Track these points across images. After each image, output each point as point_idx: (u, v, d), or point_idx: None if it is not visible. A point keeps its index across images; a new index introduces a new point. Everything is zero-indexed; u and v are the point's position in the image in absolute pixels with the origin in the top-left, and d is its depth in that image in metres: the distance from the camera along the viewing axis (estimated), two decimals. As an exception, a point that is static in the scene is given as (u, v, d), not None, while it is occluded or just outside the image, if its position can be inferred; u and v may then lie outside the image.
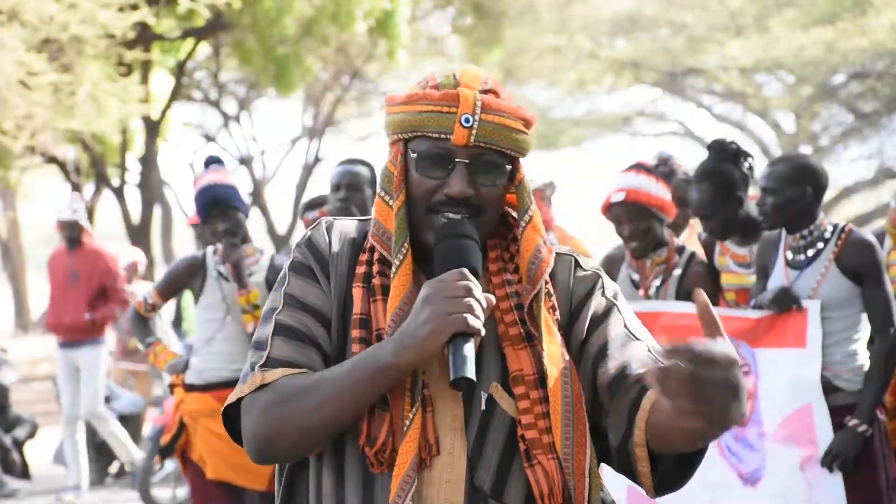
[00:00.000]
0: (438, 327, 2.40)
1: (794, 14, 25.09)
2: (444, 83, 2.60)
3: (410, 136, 2.59)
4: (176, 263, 7.22)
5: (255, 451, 2.56)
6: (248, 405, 2.56)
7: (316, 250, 2.64)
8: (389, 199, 2.62)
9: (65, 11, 15.31)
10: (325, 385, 2.48)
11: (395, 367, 2.44)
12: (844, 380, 5.74)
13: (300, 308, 2.59)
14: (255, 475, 6.91)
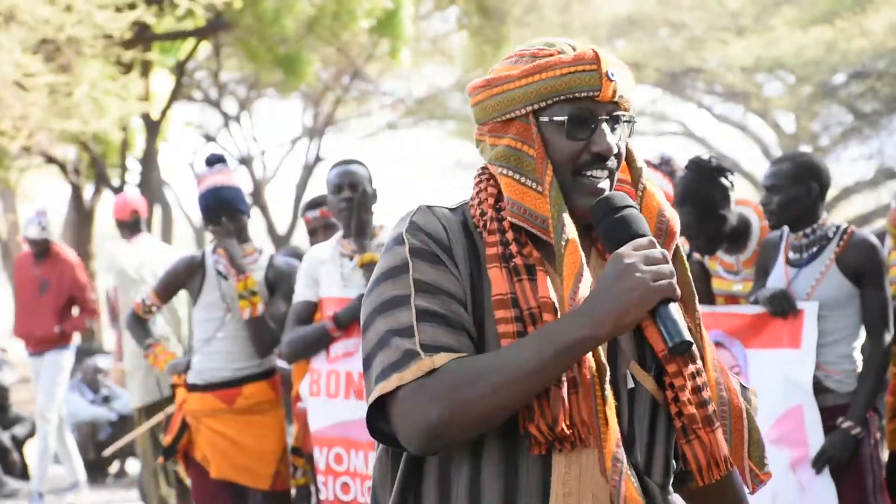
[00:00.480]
0: (645, 295, 2.40)
1: (794, 14, 25.13)
2: (564, 50, 2.60)
3: (548, 103, 2.57)
4: (174, 264, 7.19)
5: (423, 438, 2.45)
6: (413, 392, 2.45)
7: (432, 235, 2.58)
8: (521, 176, 2.58)
9: (61, 13, 15.33)
10: (509, 364, 2.42)
11: (594, 340, 2.41)
12: (835, 381, 5.78)
13: (438, 293, 2.53)
14: (258, 475, 6.92)
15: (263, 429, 6.97)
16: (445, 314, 2.50)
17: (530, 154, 2.58)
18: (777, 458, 5.71)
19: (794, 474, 5.77)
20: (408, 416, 2.44)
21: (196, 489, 7.04)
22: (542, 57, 2.59)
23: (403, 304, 2.51)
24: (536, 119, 2.59)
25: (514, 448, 2.51)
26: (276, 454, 7.00)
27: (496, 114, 2.63)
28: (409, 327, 2.48)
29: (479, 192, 2.66)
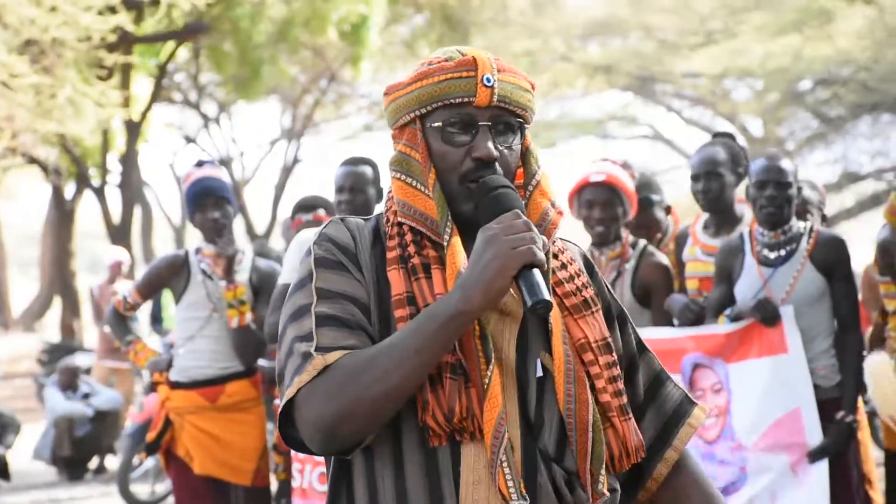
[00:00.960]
0: (505, 262, 2.41)
1: (762, 21, 25.30)
2: (453, 57, 2.63)
3: (429, 109, 2.61)
4: (157, 262, 7.17)
5: (323, 437, 2.48)
6: (309, 393, 2.47)
7: (339, 244, 2.61)
8: (412, 180, 2.63)
9: (46, 14, 15.46)
10: (392, 351, 2.45)
11: (465, 314, 2.43)
12: (820, 377, 5.88)
13: (338, 298, 2.56)
14: (240, 470, 6.96)
15: (245, 426, 7.01)
16: (343, 317, 2.53)
17: (416, 158, 2.63)
18: (774, 463, 5.81)
19: (794, 475, 5.80)
20: (306, 417, 2.48)
21: (178, 485, 7.05)
22: (433, 64, 2.63)
23: (307, 313, 2.55)
24: (423, 125, 2.63)
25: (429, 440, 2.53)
26: (257, 450, 7.03)
27: (392, 120, 2.68)
28: (310, 333, 2.52)
29: (387, 200, 2.72)
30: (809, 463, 5.77)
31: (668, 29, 28.95)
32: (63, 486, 13.33)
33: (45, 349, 18.12)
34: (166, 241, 37.42)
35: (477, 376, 2.51)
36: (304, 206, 8.17)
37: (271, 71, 21.64)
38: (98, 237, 28.41)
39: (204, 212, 6.91)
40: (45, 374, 17.08)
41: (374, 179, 6.50)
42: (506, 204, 2.53)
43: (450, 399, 2.49)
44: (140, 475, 12.02)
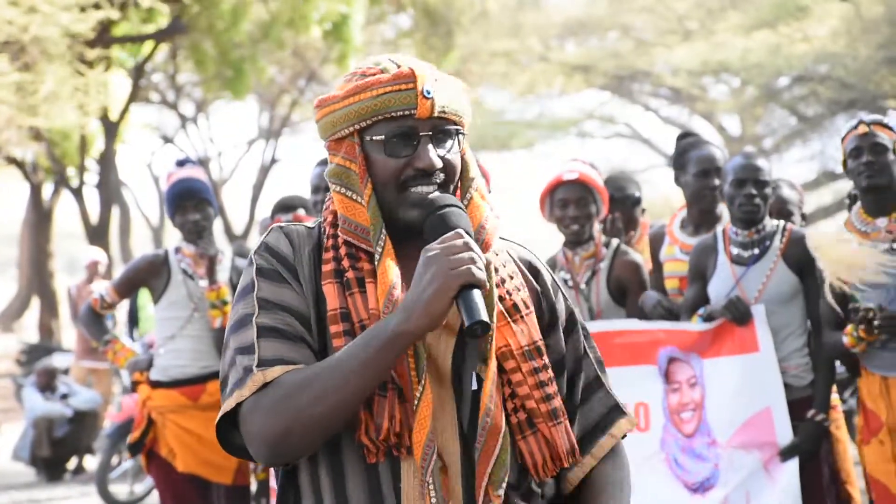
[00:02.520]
0: (445, 282, 2.41)
1: (739, 19, 25.40)
2: (388, 68, 2.62)
3: (368, 123, 2.59)
4: (136, 261, 7.13)
5: (267, 451, 2.50)
6: (251, 408, 2.49)
7: (279, 255, 2.61)
8: (352, 193, 2.62)
9: (25, 15, 15.44)
10: (333, 371, 2.44)
11: (406, 335, 2.43)
12: (792, 376, 5.86)
13: (278, 309, 2.55)
14: (221, 469, 6.95)
15: (227, 424, 7.08)
16: (283, 328, 2.53)
17: (356, 171, 2.61)
18: (746, 461, 5.77)
19: (766, 473, 5.77)
20: (251, 432, 2.49)
21: (161, 484, 7.04)
22: (368, 76, 2.61)
23: (248, 323, 2.55)
24: (361, 138, 2.61)
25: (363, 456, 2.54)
26: (238, 449, 7.12)
27: (327, 133, 2.66)
28: (251, 345, 2.52)
29: (324, 211, 2.70)
30: (781, 461, 5.76)
31: (645, 28, 29.04)
32: (42, 486, 13.30)
33: (23, 350, 18.08)
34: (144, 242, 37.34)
35: (409, 392, 2.52)
36: (283, 206, 8.07)
37: (251, 70, 21.64)
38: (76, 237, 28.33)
39: (185, 213, 6.91)
40: (23, 375, 17.04)
41: None
42: (451, 223, 2.53)
43: (377, 417, 2.50)
44: (119, 475, 11.96)
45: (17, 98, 16.28)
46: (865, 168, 5.59)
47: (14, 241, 35.75)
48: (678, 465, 5.91)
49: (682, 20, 27.80)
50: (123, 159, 37.03)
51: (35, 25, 15.42)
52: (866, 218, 5.66)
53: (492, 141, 30.86)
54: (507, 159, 35.99)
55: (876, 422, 5.58)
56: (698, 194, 6.48)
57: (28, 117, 16.61)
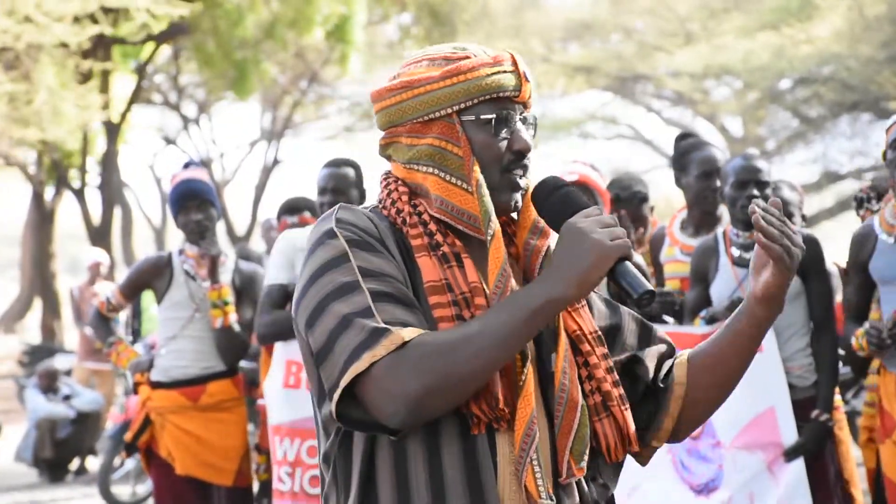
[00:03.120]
0: (605, 252, 2.46)
1: (742, 21, 25.39)
2: (475, 52, 2.65)
3: (471, 103, 2.61)
4: (140, 263, 7.14)
5: (406, 410, 2.44)
6: (390, 365, 2.43)
7: (361, 227, 2.59)
8: (447, 174, 2.62)
9: (19, 24, 15.45)
10: (485, 332, 2.45)
11: (559, 302, 2.47)
12: (796, 376, 5.87)
13: (383, 276, 2.54)
14: (221, 470, 6.95)
15: (227, 425, 6.99)
16: (395, 294, 2.51)
17: (454, 152, 2.62)
18: (750, 462, 5.77)
19: (770, 474, 5.78)
20: (388, 391, 2.43)
21: (159, 485, 7.02)
22: (456, 60, 2.64)
23: (355, 289, 2.50)
24: (460, 119, 2.63)
25: (469, 430, 2.53)
26: (239, 450, 7.02)
27: (416, 115, 2.64)
28: (368, 308, 2.48)
29: (390, 194, 2.69)
30: (786, 462, 5.77)
31: (647, 30, 29.04)
32: (44, 487, 13.30)
33: (25, 351, 18.09)
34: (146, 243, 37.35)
35: (511, 369, 2.55)
36: (289, 208, 8.17)
37: (253, 71, 21.66)
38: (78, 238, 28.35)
39: (187, 213, 6.90)
40: (25, 376, 17.05)
41: (356, 181, 6.50)
42: (578, 200, 2.59)
43: (492, 387, 2.50)
44: (121, 476, 11.97)
45: (9, 109, 16.27)
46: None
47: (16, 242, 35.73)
48: (684, 466, 5.90)
49: (685, 22, 27.80)
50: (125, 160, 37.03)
51: (29, 35, 15.41)
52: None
53: (493, 142, 30.82)
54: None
55: (891, 422, 5.56)
56: (700, 196, 6.48)
57: (20, 128, 16.61)
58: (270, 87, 28.12)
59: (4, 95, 16.03)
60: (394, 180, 2.71)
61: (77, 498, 12.68)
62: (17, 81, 16.33)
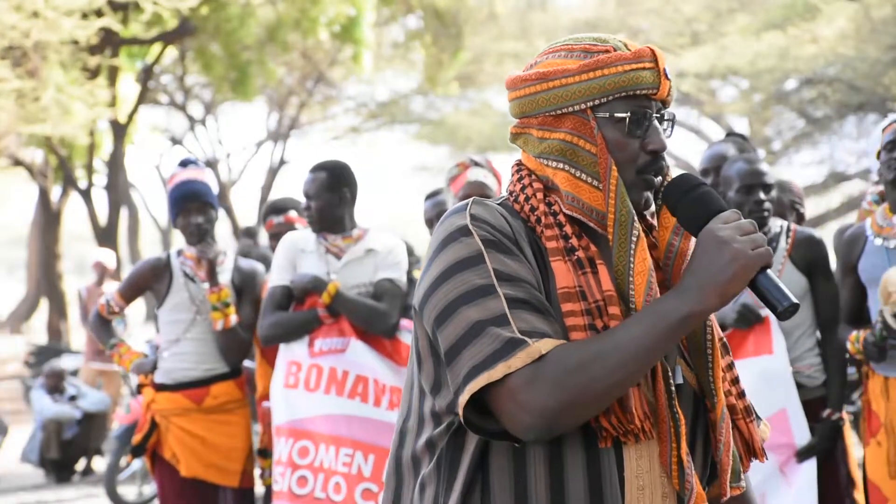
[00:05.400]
0: (747, 263, 2.37)
1: (748, 21, 25.39)
2: (617, 46, 2.56)
3: (607, 99, 2.53)
4: (138, 266, 7.12)
5: (543, 423, 2.37)
6: (529, 378, 2.36)
7: (496, 227, 2.50)
8: (579, 171, 2.55)
9: (27, 20, 15.47)
10: (624, 344, 2.37)
11: (699, 315, 2.39)
12: (805, 376, 5.90)
13: (519, 281, 2.45)
14: (227, 472, 6.95)
15: (231, 427, 6.98)
16: (532, 301, 2.44)
17: (587, 149, 2.54)
18: (762, 464, 5.63)
19: (782, 475, 5.79)
20: (525, 404, 2.36)
21: (164, 488, 7.01)
22: (595, 52, 2.55)
23: (490, 293, 2.42)
24: (594, 114, 2.55)
25: (594, 442, 2.47)
26: (243, 451, 7.02)
27: (550, 107, 2.56)
28: (503, 315, 2.40)
29: (524, 188, 2.60)
30: (798, 462, 5.78)
31: (653, 31, 29.03)
32: (51, 488, 13.32)
33: (32, 351, 18.13)
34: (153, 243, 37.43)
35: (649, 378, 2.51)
36: (274, 208, 8.22)
37: (259, 72, 21.68)
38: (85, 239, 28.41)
39: (187, 216, 6.89)
40: (32, 377, 17.08)
41: (330, 185, 6.49)
42: (716, 203, 2.50)
43: (627, 401, 2.45)
44: (127, 477, 11.99)
45: (16, 106, 16.30)
46: (894, 162, 5.53)
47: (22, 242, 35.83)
48: None
49: (691, 23, 27.80)
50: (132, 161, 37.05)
51: (37, 31, 15.43)
52: (888, 214, 5.64)
53: (501, 142, 30.89)
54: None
55: (876, 422, 5.59)
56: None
57: (27, 125, 16.63)
58: (276, 87, 28.17)
59: (12, 92, 16.04)
60: (527, 174, 2.63)
61: (83, 498, 12.70)
62: (24, 78, 16.33)
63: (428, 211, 7.31)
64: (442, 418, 2.54)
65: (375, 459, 6.16)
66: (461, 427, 2.51)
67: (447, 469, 2.53)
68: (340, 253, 6.48)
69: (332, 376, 6.25)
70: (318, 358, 6.29)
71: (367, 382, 6.25)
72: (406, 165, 42.07)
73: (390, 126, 33.91)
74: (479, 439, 2.49)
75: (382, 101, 32.74)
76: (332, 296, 6.27)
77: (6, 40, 15.68)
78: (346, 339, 6.27)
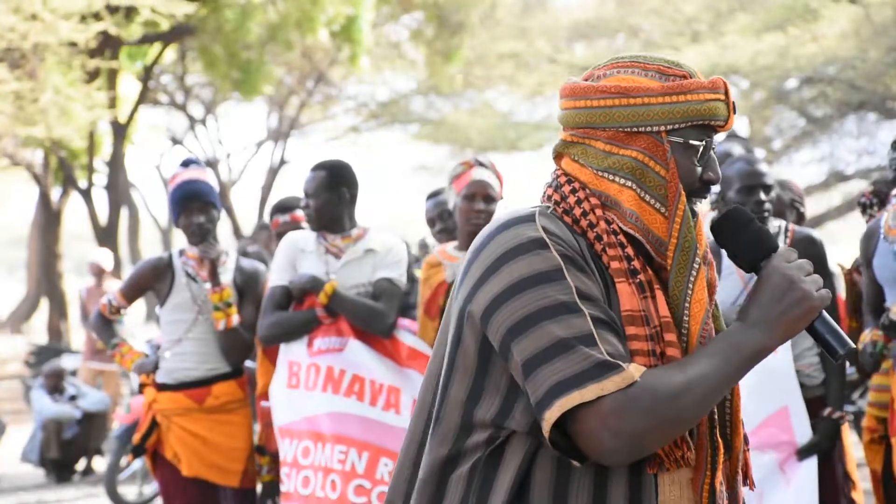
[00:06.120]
0: (812, 304, 2.43)
1: (748, 20, 25.41)
2: (691, 72, 2.57)
3: (683, 125, 2.53)
4: (140, 265, 7.12)
5: (629, 451, 2.40)
6: (621, 404, 2.35)
7: (569, 244, 2.48)
8: (646, 194, 2.53)
9: (25, 22, 15.48)
10: (706, 377, 2.40)
11: (766, 351, 2.44)
12: (805, 375, 5.88)
13: (596, 301, 2.45)
14: (228, 472, 6.95)
15: (233, 426, 6.98)
16: (611, 322, 2.44)
17: (657, 171, 2.52)
18: (762, 462, 5.76)
19: (783, 474, 5.81)
20: (615, 429, 2.35)
21: (165, 487, 7.01)
22: (672, 75, 2.55)
23: (574, 311, 2.40)
24: (668, 138, 2.54)
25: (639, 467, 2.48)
26: (245, 451, 7.01)
27: (627, 123, 2.53)
28: (590, 335, 2.39)
29: (580, 202, 2.55)
30: (799, 460, 5.78)
31: (653, 30, 29.05)
32: (51, 488, 13.32)
33: (32, 351, 18.13)
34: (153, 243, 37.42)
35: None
36: (281, 207, 8.23)
37: (260, 72, 21.70)
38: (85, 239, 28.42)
39: (189, 215, 6.87)
40: (32, 377, 17.09)
41: (329, 184, 6.47)
42: (773, 240, 2.54)
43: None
44: (128, 477, 11.99)
45: (14, 108, 16.30)
46: None
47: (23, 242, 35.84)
48: None
49: (691, 22, 27.83)
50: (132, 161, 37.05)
51: (35, 33, 15.44)
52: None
53: (501, 142, 30.89)
54: (515, 160, 36.09)
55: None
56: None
57: (24, 127, 16.64)
58: (277, 87, 28.18)
59: (10, 94, 16.04)
60: (580, 186, 2.58)
61: (83, 498, 12.69)
62: (22, 80, 16.34)
63: (429, 211, 7.31)
64: (475, 429, 2.51)
65: (369, 457, 6.16)
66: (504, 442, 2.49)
67: (480, 485, 2.51)
68: (340, 253, 6.47)
69: (330, 375, 6.26)
70: (316, 357, 6.29)
71: (363, 382, 6.25)
72: (406, 165, 42.04)
73: (390, 126, 33.92)
74: (524, 454, 2.48)
75: (382, 101, 32.77)
76: (330, 296, 6.26)
77: (4, 42, 15.71)
78: (344, 339, 6.27)
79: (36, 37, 15.56)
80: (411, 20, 28.35)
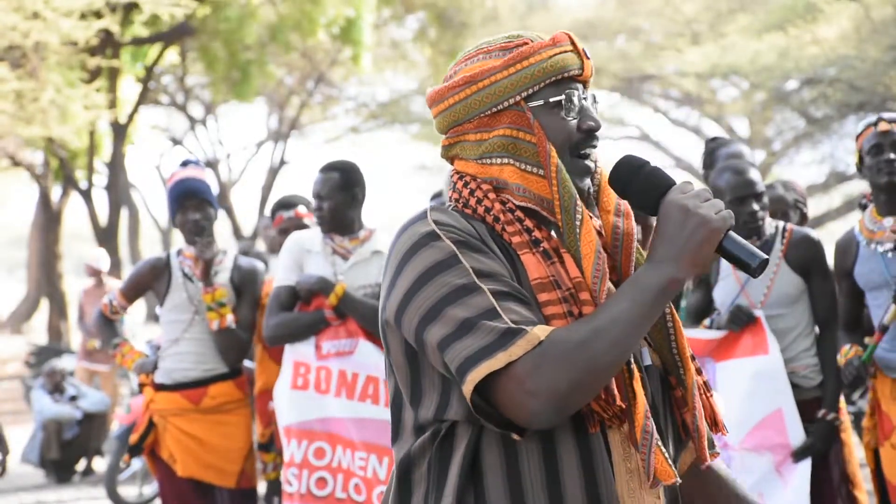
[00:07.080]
0: (714, 227, 2.43)
1: (748, 21, 25.42)
2: (532, 38, 2.61)
3: (536, 89, 2.57)
4: (140, 266, 7.15)
5: (552, 407, 2.39)
6: (534, 364, 2.37)
7: (461, 229, 2.53)
8: (523, 163, 2.58)
9: (26, 21, 15.48)
10: (616, 321, 2.41)
11: (676, 283, 2.43)
12: (801, 377, 5.90)
13: (497, 276, 2.48)
14: (224, 472, 6.95)
15: (230, 427, 6.98)
16: (515, 293, 2.46)
17: (527, 140, 2.58)
18: (759, 463, 5.81)
19: (778, 475, 5.81)
20: (533, 390, 2.37)
21: (163, 487, 7.04)
22: (513, 47, 2.60)
23: (473, 290, 2.44)
24: (528, 105, 2.59)
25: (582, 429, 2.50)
26: (242, 452, 7.01)
27: (484, 107, 2.60)
28: (492, 309, 2.42)
29: (472, 192, 2.62)
30: (794, 462, 5.79)
31: (654, 31, 29.06)
32: (51, 488, 13.33)
33: (32, 351, 18.13)
34: (153, 243, 37.44)
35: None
36: (283, 204, 8.23)
37: (260, 73, 21.71)
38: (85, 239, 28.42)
39: (185, 213, 6.89)
40: (32, 377, 17.09)
41: (342, 185, 6.46)
42: (665, 177, 2.55)
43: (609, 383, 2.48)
44: (128, 477, 12.00)
45: (15, 107, 16.31)
46: (886, 165, 5.53)
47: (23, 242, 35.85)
48: None
49: (691, 23, 27.84)
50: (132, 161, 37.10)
51: (36, 32, 15.44)
52: (876, 217, 5.65)
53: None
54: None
55: (888, 424, 5.58)
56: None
57: (26, 126, 16.64)
58: (277, 88, 28.19)
59: (10, 93, 16.05)
60: (471, 178, 2.64)
61: (84, 499, 12.70)
62: (23, 79, 16.34)
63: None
64: (426, 428, 2.55)
65: (389, 462, 6.16)
66: (449, 433, 2.52)
67: (434, 480, 2.54)
68: (347, 254, 6.47)
69: (342, 379, 6.25)
70: (325, 360, 6.28)
71: (377, 383, 6.24)
72: (406, 165, 42.07)
73: (390, 126, 33.93)
74: (467, 442, 2.50)
75: (382, 101, 32.78)
76: (340, 297, 6.26)
77: (6, 41, 15.71)
78: (354, 341, 6.27)
79: (37, 35, 15.55)
80: (414, 21, 28.38)
